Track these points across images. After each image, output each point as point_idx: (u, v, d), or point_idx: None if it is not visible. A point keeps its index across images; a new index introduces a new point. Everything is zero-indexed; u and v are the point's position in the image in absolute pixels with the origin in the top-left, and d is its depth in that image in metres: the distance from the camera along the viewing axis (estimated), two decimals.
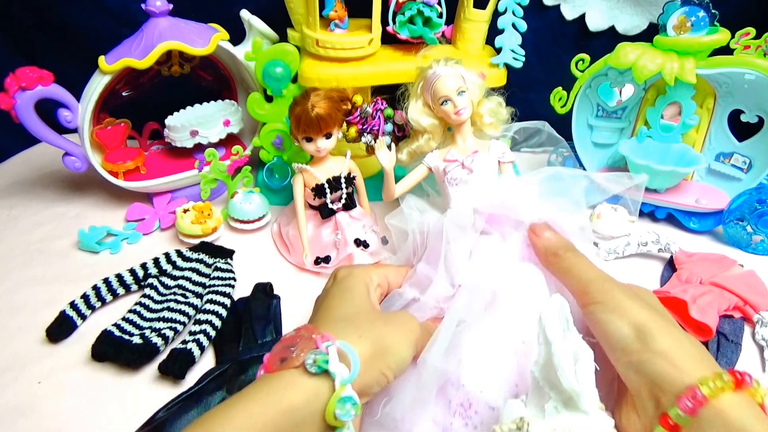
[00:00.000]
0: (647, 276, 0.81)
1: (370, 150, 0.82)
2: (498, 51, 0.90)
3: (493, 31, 0.90)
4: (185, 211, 0.86)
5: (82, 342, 0.68)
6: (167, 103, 0.97)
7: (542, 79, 1.00)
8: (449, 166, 0.75)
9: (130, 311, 0.72)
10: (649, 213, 0.93)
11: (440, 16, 0.87)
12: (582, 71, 0.90)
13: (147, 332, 0.68)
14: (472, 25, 0.92)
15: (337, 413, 0.40)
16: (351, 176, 0.81)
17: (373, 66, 0.89)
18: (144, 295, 0.75)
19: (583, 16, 1.02)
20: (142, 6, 0.85)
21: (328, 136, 0.76)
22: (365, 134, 0.82)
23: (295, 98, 0.77)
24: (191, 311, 0.71)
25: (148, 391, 0.62)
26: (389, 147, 0.79)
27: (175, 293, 0.75)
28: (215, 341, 0.68)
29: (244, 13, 0.92)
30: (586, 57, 0.90)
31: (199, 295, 0.74)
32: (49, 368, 0.65)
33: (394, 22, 0.87)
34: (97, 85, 0.86)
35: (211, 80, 1.02)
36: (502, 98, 0.80)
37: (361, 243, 0.79)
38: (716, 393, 0.40)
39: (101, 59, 0.85)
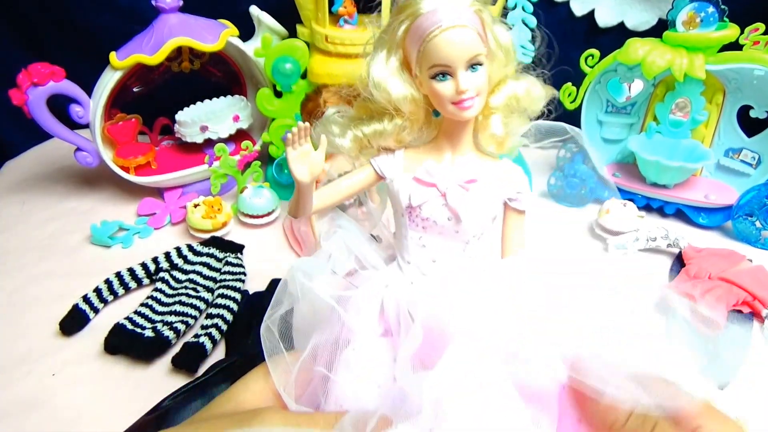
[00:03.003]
0: (656, 271, 0.81)
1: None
2: None
3: None
4: (195, 205, 0.87)
5: (95, 335, 0.68)
6: (177, 99, 0.97)
7: (551, 74, 1.00)
8: (419, 193, 0.43)
9: (142, 305, 0.72)
10: (658, 208, 0.93)
11: None
12: (591, 67, 0.90)
13: (159, 325, 0.68)
14: None
15: None
16: None
17: None
18: (156, 289, 0.75)
19: (592, 12, 1.02)
20: (153, 2, 0.85)
21: None
22: None
23: (308, 94, 0.77)
24: (202, 305, 0.72)
25: (159, 384, 0.63)
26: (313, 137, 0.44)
27: (186, 287, 0.76)
28: (227, 335, 0.69)
29: (254, 9, 0.93)
30: (596, 53, 0.90)
31: (210, 290, 0.75)
32: (63, 361, 0.66)
33: None
34: (108, 81, 0.86)
35: (220, 76, 1.03)
36: (540, 80, 0.48)
37: (374, 238, 0.79)
38: None
39: (112, 55, 0.86)
